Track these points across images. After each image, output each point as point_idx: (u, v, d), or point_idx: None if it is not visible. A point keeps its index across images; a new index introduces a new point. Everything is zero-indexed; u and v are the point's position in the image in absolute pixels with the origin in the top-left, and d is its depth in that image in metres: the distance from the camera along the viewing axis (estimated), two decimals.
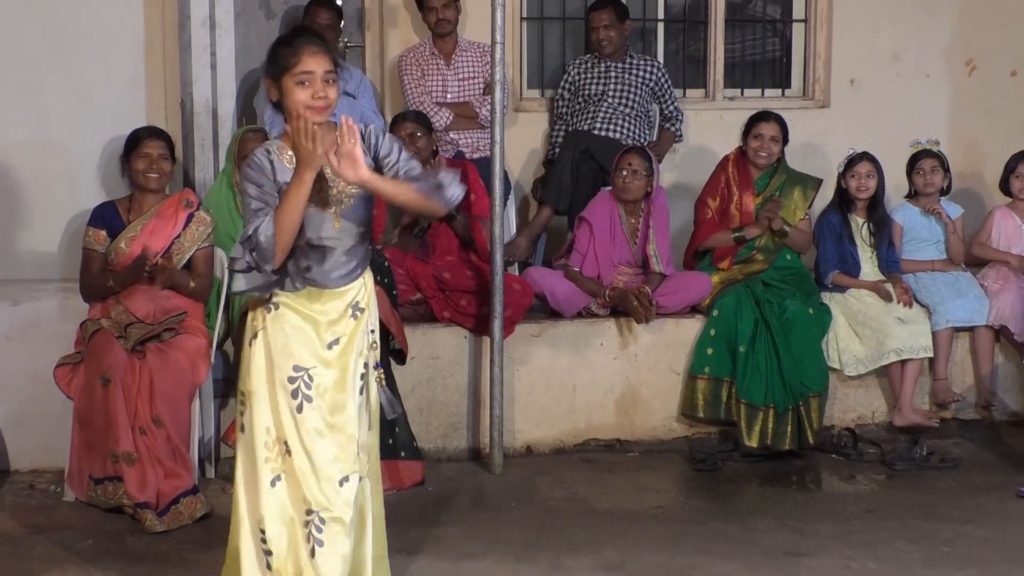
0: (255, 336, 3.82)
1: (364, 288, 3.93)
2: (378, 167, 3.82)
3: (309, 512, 3.77)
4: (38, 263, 5.85)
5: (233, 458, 5.47)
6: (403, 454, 5.50)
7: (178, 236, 5.48)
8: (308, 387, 3.79)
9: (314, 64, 3.69)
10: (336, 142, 3.66)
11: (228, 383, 5.73)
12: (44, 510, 5.21)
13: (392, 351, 5.67)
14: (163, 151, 5.50)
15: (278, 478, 3.81)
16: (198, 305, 5.52)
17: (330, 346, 3.84)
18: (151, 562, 4.63)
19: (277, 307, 3.81)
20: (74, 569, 4.56)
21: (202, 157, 6.20)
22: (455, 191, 3.82)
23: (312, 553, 3.77)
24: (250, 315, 3.87)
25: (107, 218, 5.48)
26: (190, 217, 5.51)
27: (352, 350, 3.87)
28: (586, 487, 5.58)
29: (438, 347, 5.94)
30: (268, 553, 3.80)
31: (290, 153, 3.74)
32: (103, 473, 5.09)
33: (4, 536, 4.91)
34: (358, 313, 3.90)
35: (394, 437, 5.49)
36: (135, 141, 5.51)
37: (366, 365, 3.91)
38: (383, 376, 3.97)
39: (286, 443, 3.79)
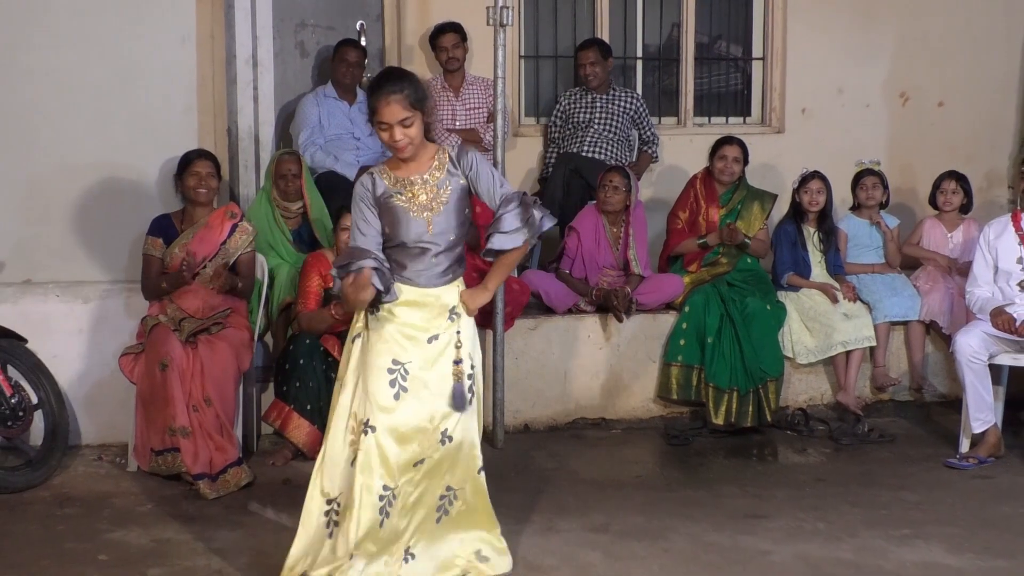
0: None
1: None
2: (469, 183, 3.88)
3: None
4: (105, 267, 5.80)
5: (272, 434, 5.51)
6: None
7: (224, 243, 5.45)
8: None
9: (388, 115, 3.68)
10: (432, 157, 3.81)
11: (267, 370, 5.69)
12: (111, 479, 5.20)
13: None
14: (211, 170, 5.48)
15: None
16: (242, 302, 5.49)
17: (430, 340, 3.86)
18: (202, 523, 4.61)
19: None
20: (137, 528, 4.55)
21: (245, 176, 6.17)
22: (544, 223, 4.02)
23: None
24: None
25: (163, 227, 5.46)
26: (234, 227, 5.48)
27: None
28: (575, 459, 5.56)
29: None
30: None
31: (391, 174, 3.80)
32: (162, 445, 5.08)
33: (77, 500, 4.90)
34: (454, 316, 3.91)
35: None
36: (187, 162, 5.49)
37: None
38: (462, 372, 3.92)
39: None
